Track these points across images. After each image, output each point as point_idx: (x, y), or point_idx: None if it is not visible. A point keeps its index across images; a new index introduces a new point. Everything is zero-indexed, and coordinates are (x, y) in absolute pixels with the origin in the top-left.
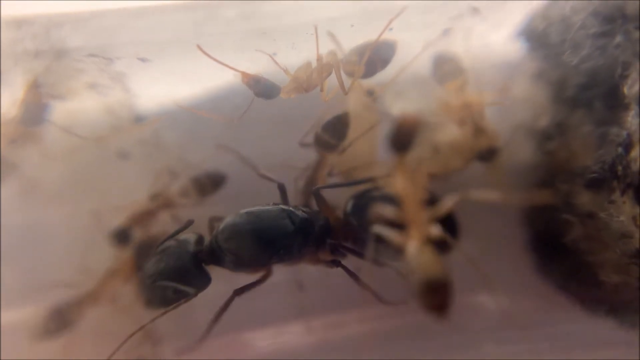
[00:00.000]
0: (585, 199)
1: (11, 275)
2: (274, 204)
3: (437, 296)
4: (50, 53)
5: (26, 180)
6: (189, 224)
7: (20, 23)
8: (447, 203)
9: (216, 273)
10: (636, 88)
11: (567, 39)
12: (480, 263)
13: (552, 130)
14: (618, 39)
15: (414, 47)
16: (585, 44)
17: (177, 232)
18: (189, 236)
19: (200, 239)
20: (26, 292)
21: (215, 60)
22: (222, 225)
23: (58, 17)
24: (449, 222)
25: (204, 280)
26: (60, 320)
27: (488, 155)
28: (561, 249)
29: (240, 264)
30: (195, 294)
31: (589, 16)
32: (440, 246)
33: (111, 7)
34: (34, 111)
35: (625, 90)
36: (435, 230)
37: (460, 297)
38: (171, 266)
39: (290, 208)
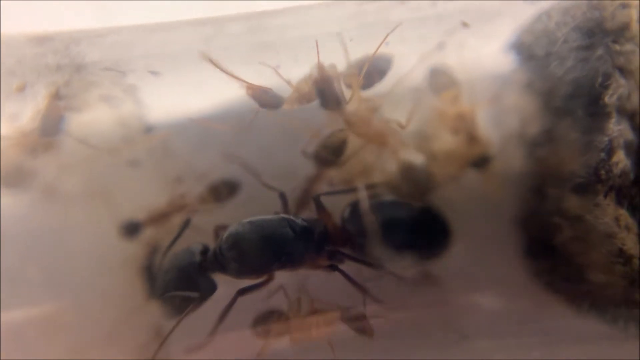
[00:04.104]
0: (573, 203)
1: (36, 274)
2: (276, 212)
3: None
4: (70, 67)
5: (45, 187)
6: (187, 223)
7: (42, 39)
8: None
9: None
10: (616, 97)
11: (552, 52)
12: (473, 264)
13: (541, 137)
14: (599, 51)
15: (409, 60)
16: (569, 57)
17: (179, 233)
18: (194, 246)
19: (205, 249)
20: (49, 289)
21: (224, 71)
22: (225, 235)
23: (77, 34)
24: (441, 225)
25: (210, 287)
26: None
27: (481, 162)
28: (551, 251)
29: (243, 271)
30: (202, 301)
31: (571, 31)
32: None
33: (126, 24)
34: (52, 122)
35: (607, 99)
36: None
37: (454, 297)
38: (178, 276)
39: (291, 217)
